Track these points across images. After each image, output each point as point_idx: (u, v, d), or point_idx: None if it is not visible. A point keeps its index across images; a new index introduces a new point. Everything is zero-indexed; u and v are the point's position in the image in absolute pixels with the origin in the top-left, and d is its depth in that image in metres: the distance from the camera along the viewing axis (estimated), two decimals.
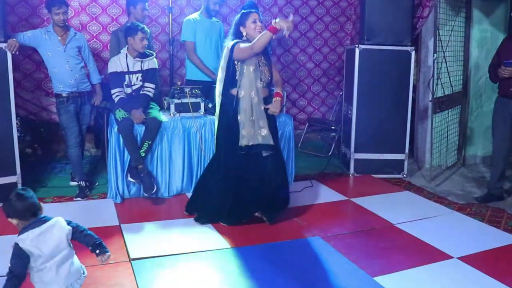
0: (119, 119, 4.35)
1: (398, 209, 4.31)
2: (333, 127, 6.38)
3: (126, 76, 4.57)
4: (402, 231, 3.81)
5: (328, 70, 6.93)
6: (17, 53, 4.35)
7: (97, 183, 5.00)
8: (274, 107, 3.89)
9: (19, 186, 4.43)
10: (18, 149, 4.43)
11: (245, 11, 3.75)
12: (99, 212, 4.20)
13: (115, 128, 4.37)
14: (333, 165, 5.77)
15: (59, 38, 4.58)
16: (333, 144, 6.17)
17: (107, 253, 2.54)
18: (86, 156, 5.92)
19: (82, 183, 4.69)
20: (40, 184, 4.95)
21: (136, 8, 5.01)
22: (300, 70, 6.83)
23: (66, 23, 4.62)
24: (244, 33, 3.72)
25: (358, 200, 4.53)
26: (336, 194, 4.71)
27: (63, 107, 4.65)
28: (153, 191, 4.32)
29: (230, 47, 3.71)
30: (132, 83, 4.60)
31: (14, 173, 4.43)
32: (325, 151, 6.33)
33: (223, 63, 3.81)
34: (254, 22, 3.69)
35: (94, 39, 5.84)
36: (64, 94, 4.64)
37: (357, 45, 5.21)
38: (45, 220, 2.41)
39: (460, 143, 5.95)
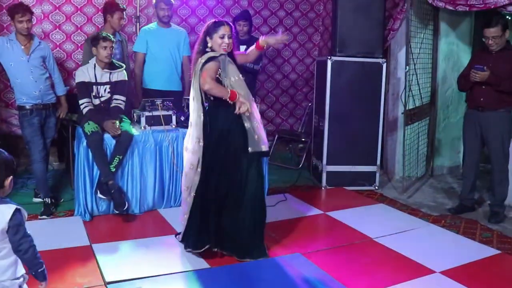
0: (88, 133, 4.15)
1: (374, 222, 4.29)
2: (303, 139, 6.35)
3: (94, 86, 4.39)
4: (382, 246, 3.79)
5: (296, 81, 6.91)
6: None
7: (62, 199, 4.77)
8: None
9: None
10: None
11: (217, 21, 3.51)
12: (67, 231, 3.99)
13: (84, 143, 4.18)
14: (304, 177, 5.73)
15: (23, 47, 4.36)
16: (303, 156, 6.13)
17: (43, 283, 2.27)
18: (49, 170, 5.64)
19: (47, 200, 4.45)
20: None
21: (113, 17, 4.85)
22: (269, 81, 6.78)
23: (30, 32, 4.41)
24: (210, 45, 3.43)
25: (334, 214, 4.49)
26: (311, 208, 4.65)
27: (27, 120, 4.42)
28: (124, 208, 4.14)
29: (199, 68, 3.42)
30: (100, 95, 4.42)
31: None
32: (294, 163, 6.29)
33: (195, 81, 3.46)
34: (222, 37, 3.38)
35: (58, 48, 5.60)
36: (27, 106, 4.41)
37: (329, 57, 5.20)
38: None
39: (429, 154, 6.03)
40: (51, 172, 5.67)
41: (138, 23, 5.62)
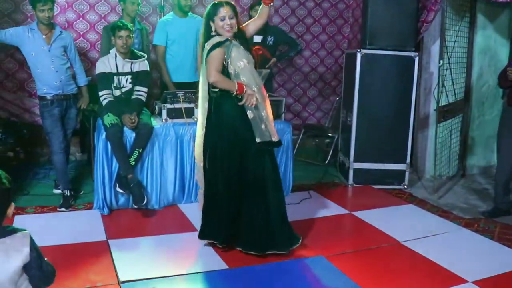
0: (108, 125, 4.05)
1: (403, 224, 4.08)
2: (330, 134, 6.14)
3: (115, 77, 4.28)
4: (409, 250, 3.58)
5: (324, 74, 6.70)
6: None
7: (82, 192, 4.70)
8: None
9: None
10: None
11: (216, 2, 3.27)
12: (85, 225, 3.90)
13: (103, 135, 4.08)
14: (331, 174, 5.53)
15: (44, 36, 4.28)
16: (330, 152, 5.92)
17: None
18: (71, 160, 5.59)
19: (67, 192, 4.38)
20: (22, 192, 4.64)
21: (126, 3, 4.74)
22: (296, 74, 6.58)
23: (52, 21, 4.32)
24: (213, 28, 3.27)
25: (360, 214, 4.29)
26: (337, 207, 4.47)
27: (47, 110, 4.35)
28: (143, 203, 4.03)
29: (205, 55, 3.28)
30: (122, 85, 4.31)
31: None
32: (320, 159, 6.09)
33: (203, 68, 3.34)
34: (223, 19, 3.21)
35: (81, 38, 5.53)
36: (48, 97, 4.34)
37: (358, 50, 4.98)
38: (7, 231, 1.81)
39: (461, 152, 5.75)
40: (73, 163, 5.63)
41: (162, 13, 5.48)
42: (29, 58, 4.31)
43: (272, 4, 3.46)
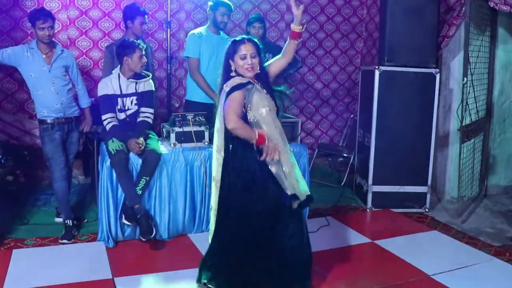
0: (112, 152, 3.78)
1: (429, 254, 3.80)
2: (345, 155, 5.86)
3: (119, 99, 4.03)
4: (441, 285, 3.29)
5: (337, 91, 6.43)
6: None
7: (86, 220, 4.43)
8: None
9: None
10: None
11: (237, 39, 3.00)
12: (89, 260, 3.63)
13: (108, 162, 3.81)
14: (347, 197, 5.25)
15: (44, 56, 4.03)
16: (346, 173, 5.65)
17: None
18: (74, 184, 5.36)
19: (69, 222, 4.11)
20: (21, 221, 4.36)
21: (134, 23, 4.47)
22: (308, 90, 6.32)
23: (53, 39, 4.08)
24: (233, 68, 2.97)
25: (383, 243, 4.01)
26: (357, 235, 4.19)
27: (48, 135, 4.08)
28: (152, 235, 3.75)
29: (224, 98, 2.97)
30: (126, 107, 4.05)
31: None
32: (335, 180, 5.81)
33: (220, 110, 3.02)
34: (244, 58, 2.91)
35: (84, 56, 5.28)
36: (48, 120, 4.08)
37: (376, 67, 4.72)
38: None
39: (482, 172, 5.48)
40: (76, 187, 5.37)
41: (169, 29, 5.24)
42: (28, 79, 4.06)
43: (300, 39, 3.19)
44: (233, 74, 2.98)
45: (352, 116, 6.11)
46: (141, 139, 3.88)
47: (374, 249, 3.95)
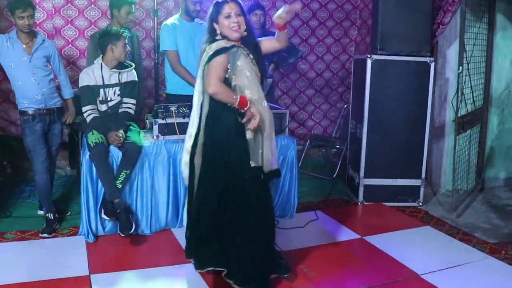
0: (92, 144, 3.66)
1: (420, 252, 3.67)
2: (337, 146, 5.72)
3: (101, 90, 3.91)
4: (431, 285, 3.16)
5: (330, 80, 6.28)
6: None
7: (69, 213, 4.31)
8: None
9: None
10: None
11: (218, 0, 2.90)
12: (66, 256, 3.52)
13: (87, 155, 3.69)
14: (338, 190, 5.12)
15: (24, 46, 3.89)
16: (338, 165, 5.51)
17: None
18: (61, 175, 5.27)
19: (50, 215, 4.00)
20: (4, 213, 4.27)
21: (121, 12, 4.36)
22: (301, 80, 6.17)
23: (33, 29, 3.94)
24: (218, 31, 2.87)
25: (373, 239, 3.88)
26: (346, 230, 4.06)
27: (28, 126, 3.96)
28: (131, 231, 3.64)
29: (206, 61, 2.88)
30: (108, 98, 3.93)
31: None
32: (327, 172, 5.68)
33: (200, 71, 2.96)
34: (228, 17, 2.83)
35: (70, 45, 5.14)
36: (29, 112, 3.95)
37: (368, 55, 4.56)
38: None
39: (479, 164, 5.33)
40: (62, 178, 5.26)
41: (156, 18, 5.09)
42: (8, 70, 3.93)
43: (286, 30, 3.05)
44: (218, 37, 2.86)
45: (345, 106, 5.95)
46: (121, 131, 3.76)
47: (363, 245, 3.82)
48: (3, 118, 5.15)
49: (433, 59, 4.60)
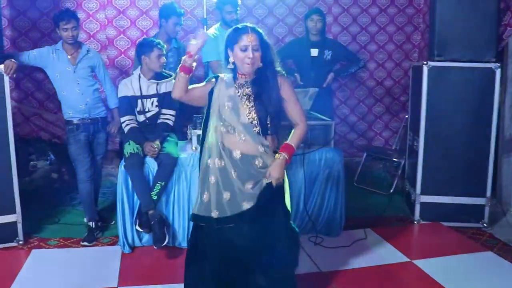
0: (127, 155, 3.63)
1: (477, 283, 3.26)
2: (395, 159, 5.35)
3: (139, 101, 3.88)
4: None
5: (392, 89, 5.90)
6: (14, 75, 3.75)
7: (113, 222, 4.30)
8: (271, 171, 2.57)
9: (19, 226, 3.84)
10: (17, 184, 3.82)
11: (239, 27, 2.62)
12: (100, 266, 3.52)
13: (122, 165, 3.66)
14: (395, 207, 4.75)
15: (69, 57, 3.97)
16: (395, 180, 5.14)
17: None
18: (113, 183, 5.29)
19: (92, 224, 4.03)
20: (52, 220, 4.36)
21: (168, 22, 4.37)
22: (360, 89, 5.85)
23: (77, 40, 4.00)
24: (231, 59, 2.62)
25: (423, 264, 3.52)
26: (395, 252, 3.72)
27: (72, 135, 4.02)
28: (163, 244, 3.56)
29: None
30: (146, 109, 3.89)
31: (13, 211, 3.83)
32: (386, 187, 5.31)
33: None
34: (244, 50, 2.55)
35: (122, 55, 5.21)
36: (74, 121, 4.02)
37: (425, 62, 4.21)
38: None
39: None
40: (115, 186, 5.27)
41: (205, 26, 5.03)
42: (54, 80, 4.03)
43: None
44: (230, 66, 2.65)
45: (407, 116, 5.57)
46: (157, 142, 3.70)
47: (410, 270, 3.47)
48: (60, 127, 5.29)
49: (499, 65, 4.16)
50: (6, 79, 3.69)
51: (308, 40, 4.79)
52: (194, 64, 2.66)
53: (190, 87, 2.70)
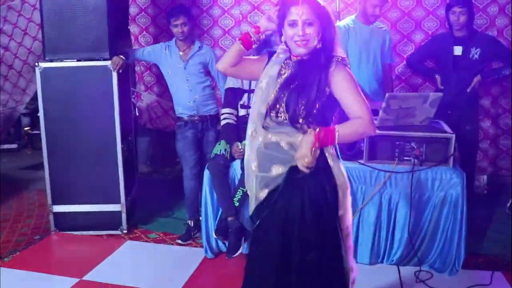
0: (212, 155, 3.49)
1: None
2: None
3: (245, 94, 3.67)
4: None
5: None
6: (120, 71, 3.88)
7: None
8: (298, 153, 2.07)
9: (123, 216, 4.00)
10: (123, 175, 3.97)
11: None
12: (177, 268, 3.45)
13: (206, 167, 3.52)
14: None
15: (181, 53, 3.99)
16: None
17: None
18: None
19: (190, 222, 3.98)
20: (166, 213, 4.45)
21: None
22: (504, 95, 4.64)
23: (188, 36, 3.98)
24: (283, 38, 2.16)
25: None
26: None
27: (180, 132, 4.04)
28: (236, 254, 3.34)
29: None
30: (250, 104, 3.67)
31: (118, 201, 4.00)
32: None
33: None
34: (293, 25, 2.08)
35: None
36: (184, 118, 4.03)
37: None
38: None
39: None
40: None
41: (338, 20, 4.58)
42: (166, 77, 4.10)
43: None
44: (282, 46, 2.21)
45: None
46: (244, 142, 3.45)
47: None
48: None
49: None
50: (114, 74, 3.82)
51: (451, 36, 4.04)
52: (255, 44, 2.27)
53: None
